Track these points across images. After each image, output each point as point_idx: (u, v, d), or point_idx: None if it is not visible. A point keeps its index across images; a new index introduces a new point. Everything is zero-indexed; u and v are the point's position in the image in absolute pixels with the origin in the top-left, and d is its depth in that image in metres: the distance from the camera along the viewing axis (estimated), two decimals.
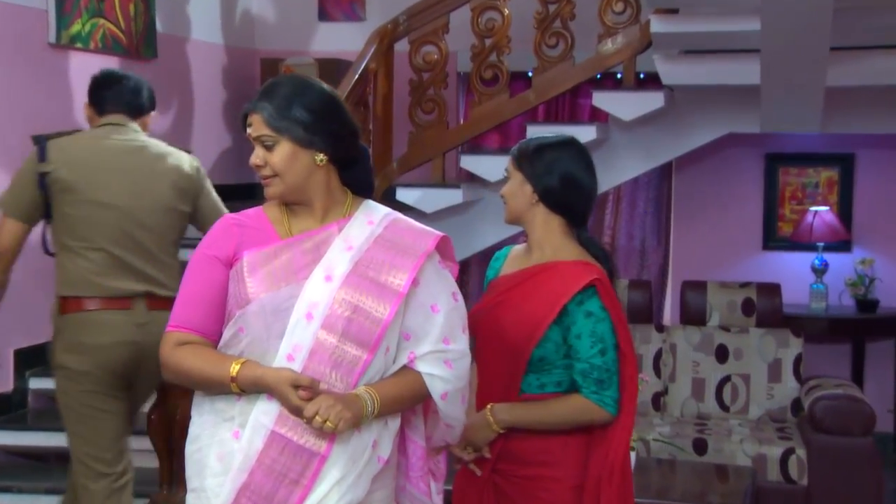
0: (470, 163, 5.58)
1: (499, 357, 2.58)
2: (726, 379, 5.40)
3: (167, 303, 2.95)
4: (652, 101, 5.37)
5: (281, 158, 2.16)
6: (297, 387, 2.06)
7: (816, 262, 6.43)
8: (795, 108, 5.04)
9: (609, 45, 5.41)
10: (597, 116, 6.75)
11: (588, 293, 2.52)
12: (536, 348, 2.53)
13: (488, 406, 2.59)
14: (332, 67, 6.38)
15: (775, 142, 6.64)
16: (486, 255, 7.01)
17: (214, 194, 3.67)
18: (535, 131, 5.50)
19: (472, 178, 5.92)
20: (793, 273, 6.56)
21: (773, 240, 6.72)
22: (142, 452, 3.80)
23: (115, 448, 3.44)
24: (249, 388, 2.11)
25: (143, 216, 3.46)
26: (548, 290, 2.54)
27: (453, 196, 5.44)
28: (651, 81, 6.05)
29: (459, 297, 2.27)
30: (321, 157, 2.18)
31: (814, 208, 6.47)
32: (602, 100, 5.47)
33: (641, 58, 5.43)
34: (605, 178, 5.68)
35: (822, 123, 5.25)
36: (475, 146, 6.31)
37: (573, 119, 6.93)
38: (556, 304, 2.52)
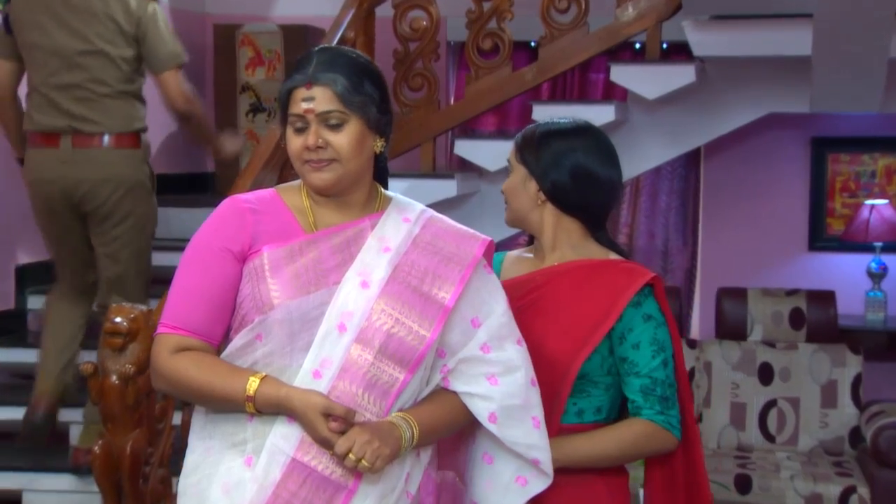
0: (465, 149, 5.58)
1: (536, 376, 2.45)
2: (771, 403, 5.43)
3: (94, 139, 4.35)
4: (681, 75, 5.37)
5: (350, 140, 2.19)
6: (327, 416, 2.07)
7: (873, 265, 6.48)
8: (852, 84, 5.07)
9: (630, 11, 5.42)
10: (611, 94, 6.79)
11: (645, 293, 2.50)
12: (585, 363, 2.47)
13: None
14: (300, 36, 6.39)
15: (823, 123, 6.68)
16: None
17: (166, 36, 4.41)
18: (543, 112, 5.63)
19: (467, 167, 5.92)
20: (845, 278, 6.60)
21: (821, 239, 6.77)
22: (84, 494, 3.79)
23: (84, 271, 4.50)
24: (268, 409, 2.12)
25: (75, 56, 4.31)
26: (597, 289, 2.50)
27: (446, 188, 5.43)
28: (678, 53, 6.08)
29: (507, 304, 2.31)
30: (381, 143, 2.24)
31: (870, 202, 6.51)
32: (621, 74, 5.48)
33: (668, 25, 5.45)
34: (624, 167, 5.66)
35: (882, 102, 5.28)
36: (470, 129, 6.31)
37: (583, 97, 6.97)
38: (613, 306, 2.47)
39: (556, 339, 2.48)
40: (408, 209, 2.31)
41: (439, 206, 5.45)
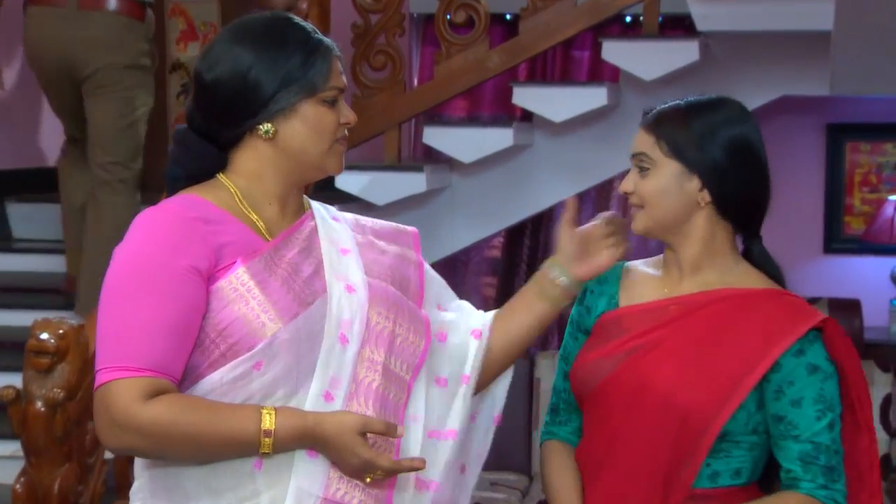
0: (436, 137, 5.59)
1: (658, 433, 2.36)
2: None
3: (100, 1, 4.86)
4: (682, 53, 5.39)
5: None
6: (364, 435, 2.09)
7: None
8: (880, 63, 5.10)
9: None
10: (598, 74, 6.82)
11: (810, 338, 2.34)
12: (728, 421, 2.33)
13: None
14: (241, 7, 6.33)
15: (840, 108, 6.73)
16: (456, 262, 7.03)
17: None
18: (525, 95, 5.64)
19: (434, 158, 5.92)
20: (866, 285, 6.64)
21: (838, 240, 6.83)
22: None
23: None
24: (290, 444, 2.10)
25: None
26: (747, 328, 2.35)
27: (414, 182, 5.44)
28: (675, 27, 6.11)
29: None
30: (268, 127, 2.24)
31: (894, 197, 6.57)
32: (614, 52, 5.49)
33: None
34: (616, 157, 5.75)
35: None
36: (438, 115, 6.31)
37: (566, 78, 6.98)
38: (766, 352, 2.32)
39: (691, 388, 2.35)
40: (325, 208, 2.37)
41: (407, 202, 5.49)
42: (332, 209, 2.38)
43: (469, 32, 5.47)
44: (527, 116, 6.02)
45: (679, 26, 6.27)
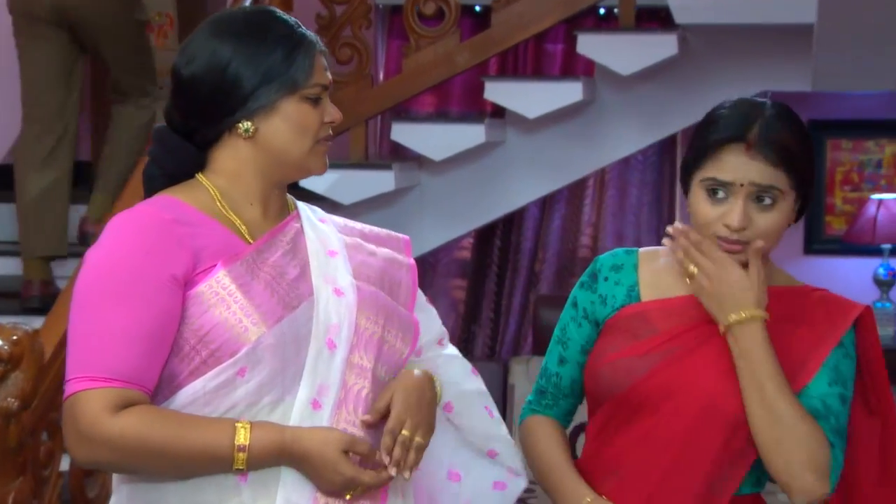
0: (405, 134, 5.56)
1: (703, 439, 2.32)
2: None
3: None
4: (660, 47, 5.38)
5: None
6: (347, 453, 2.09)
7: (881, 270, 6.56)
8: (864, 58, 5.11)
9: None
10: (571, 68, 6.80)
11: (850, 329, 2.34)
12: None
13: None
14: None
15: (821, 104, 6.74)
16: (425, 263, 6.99)
17: None
18: (497, 90, 5.61)
19: (402, 155, 5.89)
20: (847, 287, 6.57)
21: (818, 241, 6.85)
22: None
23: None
24: (265, 461, 2.08)
25: None
26: (788, 334, 2.32)
27: (382, 181, 5.41)
28: (649, 20, 6.10)
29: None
30: (248, 125, 2.20)
31: (876, 196, 6.59)
32: (590, 45, 5.47)
33: None
34: (590, 155, 5.77)
35: None
36: (407, 111, 6.28)
37: (538, 72, 6.97)
38: (815, 352, 2.31)
39: (737, 395, 2.31)
40: (312, 209, 2.36)
41: (374, 201, 5.46)
42: (319, 210, 2.36)
43: (439, 25, 5.45)
44: (498, 112, 6.00)
45: (654, 18, 6.26)
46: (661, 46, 5.37)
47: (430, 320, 2.41)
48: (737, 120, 2.31)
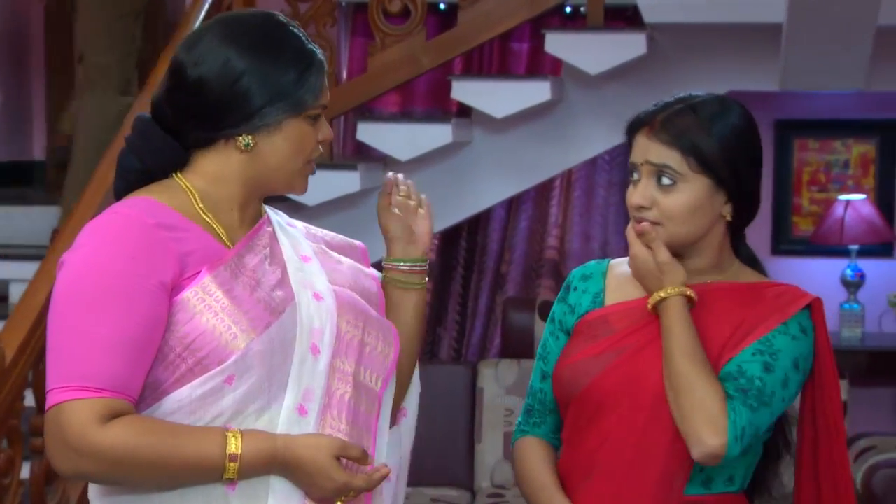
0: (370, 134, 5.53)
1: (653, 436, 2.37)
2: None
3: None
4: (629, 46, 5.37)
5: None
6: (338, 459, 2.09)
7: (849, 272, 6.56)
8: (833, 57, 5.10)
9: None
10: (537, 68, 6.76)
11: (801, 313, 2.38)
12: None
13: None
14: None
15: (788, 103, 6.74)
16: None
17: None
18: (465, 89, 5.56)
19: (367, 155, 5.84)
20: (815, 288, 6.41)
21: (786, 241, 6.84)
22: None
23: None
24: (257, 469, 2.07)
25: None
26: (735, 324, 2.37)
27: (347, 181, 5.38)
28: (616, 19, 6.07)
29: None
30: (248, 140, 2.18)
31: (844, 197, 6.59)
32: (558, 44, 5.45)
33: None
34: (558, 155, 5.74)
35: (866, 79, 5.32)
36: (371, 111, 6.24)
37: (504, 71, 6.93)
38: (757, 330, 2.34)
39: None
40: (276, 213, 2.35)
41: (339, 202, 5.44)
42: (284, 215, 2.34)
43: (404, 23, 5.40)
44: (463, 112, 5.96)
45: (620, 17, 6.23)
46: (630, 46, 5.37)
47: None
48: (653, 108, 2.43)
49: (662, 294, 2.35)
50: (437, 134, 5.42)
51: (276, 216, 2.31)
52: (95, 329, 2.03)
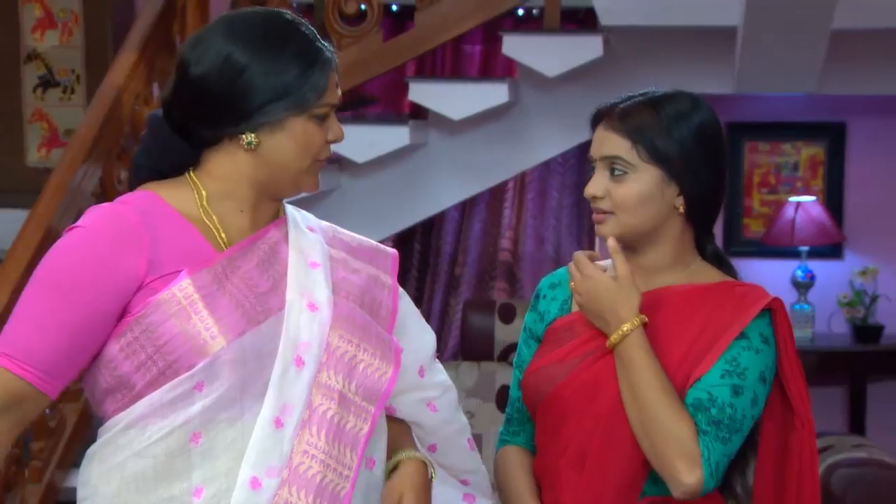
0: None
1: (614, 440, 2.37)
2: None
3: None
4: (586, 48, 5.38)
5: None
6: None
7: (798, 273, 6.62)
8: (788, 60, 5.14)
9: None
10: (490, 70, 6.77)
11: (755, 320, 2.36)
12: None
13: None
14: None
15: (739, 106, 6.77)
16: None
17: None
18: (422, 91, 5.55)
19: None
20: (766, 289, 6.63)
21: (737, 243, 6.88)
22: None
23: None
24: None
25: None
26: (697, 328, 2.37)
27: None
28: (569, 21, 6.09)
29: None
30: (251, 137, 2.17)
31: (794, 198, 6.65)
32: (516, 46, 5.45)
33: None
34: (513, 157, 5.74)
35: (819, 82, 5.36)
36: None
37: (457, 73, 6.93)
38: (719, 341, 2.33)
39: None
40: (302, 215, 2.32)
41: (296, 204, 5.36)
42: (311, 217, 2.32)
43: (361, 25, 5.38)
44: (417, 114, 5.95)
45: (573, 20, 6.26)
46: (586, 48, 5.38)
47: (417, 341, 2.38)
48: (614, 101, 2.45)
49: (626, 328, 2.33)
50: (394, 136, 5.41)
51: (296, 217, 2.29)
52: (38, 309, 2.05)
